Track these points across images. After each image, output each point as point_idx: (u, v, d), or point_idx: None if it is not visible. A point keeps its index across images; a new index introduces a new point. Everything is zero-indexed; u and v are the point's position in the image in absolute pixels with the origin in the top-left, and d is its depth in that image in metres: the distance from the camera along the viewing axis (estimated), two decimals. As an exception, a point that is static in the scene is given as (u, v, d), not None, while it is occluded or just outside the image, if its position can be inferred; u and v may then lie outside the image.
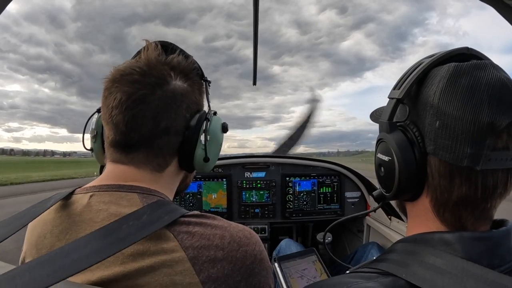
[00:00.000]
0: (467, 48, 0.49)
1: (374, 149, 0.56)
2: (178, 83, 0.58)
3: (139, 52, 0.61)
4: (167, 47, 0.62)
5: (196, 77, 0.63)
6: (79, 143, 0.58)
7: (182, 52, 0.63)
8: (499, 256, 0.44)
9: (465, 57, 0.49)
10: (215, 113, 0.65)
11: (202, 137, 0.60)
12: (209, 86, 0.67)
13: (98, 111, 0.66)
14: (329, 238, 1.83)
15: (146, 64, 0.56)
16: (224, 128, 0.67)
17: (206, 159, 0.62)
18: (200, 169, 0.64)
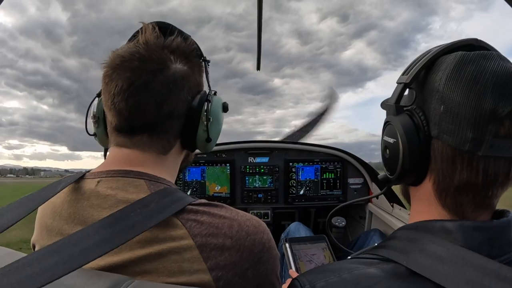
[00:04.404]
0: (475, 40, 0.50)
1: (379, 161, 0.58)
2: (178, 66, 0.58)
3: (135, 35, 0.60)
4: (165, 29, 0.61)
5: (195, 58, 0.63)
6: (79, 161, 0.59)
7: (180, 33, 0.62)
8: (499, 246, 0.45)
9: (473, 48, 0.49)
10: (215, 93, 0.66)
11: (204, 118, 0.61)
12: (208, 66, 0.67)
13: (98, 95, 0.65)
14: (343, 223, 1.85)
15: (145, 48, 0.56)
16: (225, 108, 0.68)
17: (208, 139, 0.63)
18: (202, 149, 0.65)
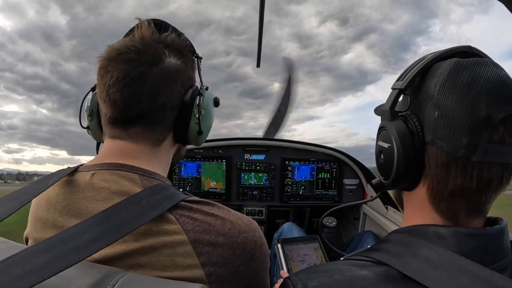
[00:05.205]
0: (469, 47, 0.51)
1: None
2: (172, 60, 0.59)
3: (132, 31, 0.61)
4: (160, 25, 0.63)
5: (188, 54, 0.64)
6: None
7: (174, 30, 0.64)
8: (491, 254, 0.45)
9: (467, 55, 0.50)
10: (207, 88, 0.68)
11: (196, 111, 0.62)
12: (200, 62, 0.69)
13: (93, 89, 0.66)
14: (334, 223, 1.86)
15: (141, 42, 0.57)
16: (216, 102, 0.70)
17: (200, 132, 0.64)
18: (194, 141, 0.66)
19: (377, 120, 0.65)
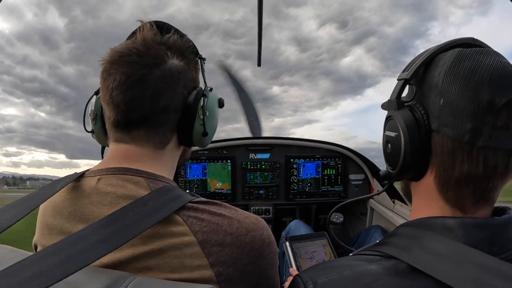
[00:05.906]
0: (472, 39, 0.52)
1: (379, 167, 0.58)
2: (175, 62, 0.59)
3: (134, 33, 0.61)
4: (162, 27, 0.63)
5: (191, 55, 0.64)
6: (77, 169, 0.59)
7: (177, 31, 0.64)
8: (499, 244, 0.45)
9: (470, 46, 0.51)
10: (211, 89, 0.67)
11: (200, 113, 0.62)
12: (204, 63, 0.68)
13: (96, 93, 0.66)
14: (341, 219, 1.85)
15: (143, 44, 0.57)
16: (221, 103, 0.70)
17: (205, 134, 0.64)
18: (199, 143, 0.66)
19: (375, 123, 0.65)
